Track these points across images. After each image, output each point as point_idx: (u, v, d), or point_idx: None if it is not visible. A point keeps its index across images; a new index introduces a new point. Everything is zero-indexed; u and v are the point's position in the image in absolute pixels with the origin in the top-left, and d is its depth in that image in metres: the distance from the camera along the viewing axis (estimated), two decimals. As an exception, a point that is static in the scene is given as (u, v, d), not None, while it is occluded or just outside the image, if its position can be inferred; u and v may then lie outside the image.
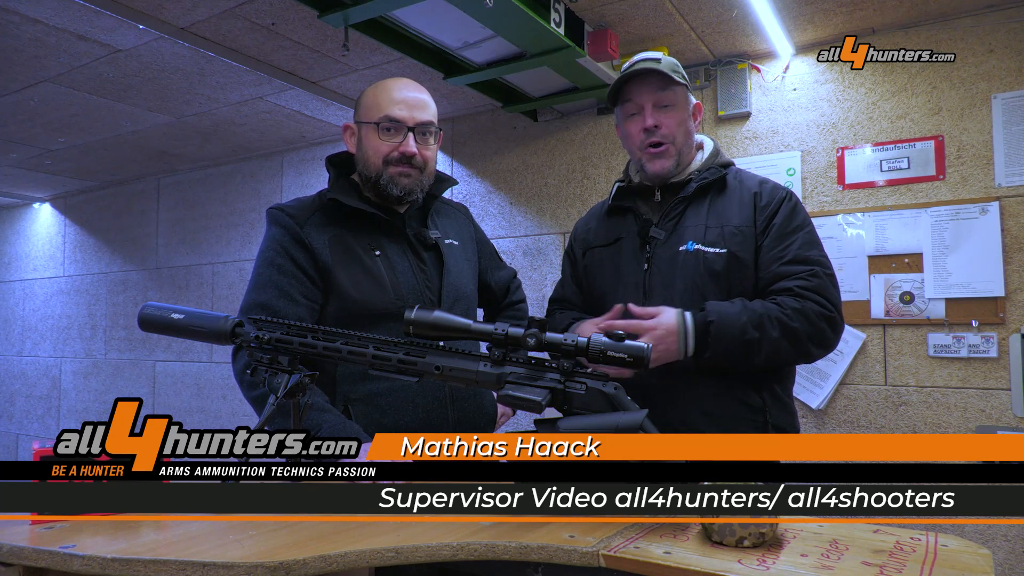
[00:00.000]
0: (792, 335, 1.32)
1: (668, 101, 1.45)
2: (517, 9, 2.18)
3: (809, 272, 1.36)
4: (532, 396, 0.97)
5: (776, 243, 1.40)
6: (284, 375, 1.08)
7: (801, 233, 1.41)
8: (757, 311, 1.32)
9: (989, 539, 2.37)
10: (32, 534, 0.85)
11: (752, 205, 1.44)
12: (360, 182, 1.50)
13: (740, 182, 1.49)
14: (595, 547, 0.81)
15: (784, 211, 1.43)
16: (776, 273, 1.38)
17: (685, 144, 1.48)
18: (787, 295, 1.35)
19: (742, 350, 1.31)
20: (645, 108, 1.46)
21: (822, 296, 1.35)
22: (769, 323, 1.31)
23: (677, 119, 1.46)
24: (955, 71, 2.51)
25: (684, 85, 1.47)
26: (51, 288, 5.66)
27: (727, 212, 1.44)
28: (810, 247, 1.40)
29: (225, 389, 4.47)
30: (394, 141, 1.43)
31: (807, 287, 1.35)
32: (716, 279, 1.39)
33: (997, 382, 2.40)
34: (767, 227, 1.42)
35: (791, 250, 1.39)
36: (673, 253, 1.43)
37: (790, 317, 1.32)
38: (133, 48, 2.74)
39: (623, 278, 1.49)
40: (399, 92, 1.46)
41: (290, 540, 0.84)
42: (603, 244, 1.56)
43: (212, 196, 4.66)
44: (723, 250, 1.40)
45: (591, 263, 1.58)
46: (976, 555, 0.80)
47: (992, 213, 2.42)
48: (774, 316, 1.31)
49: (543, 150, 3.40)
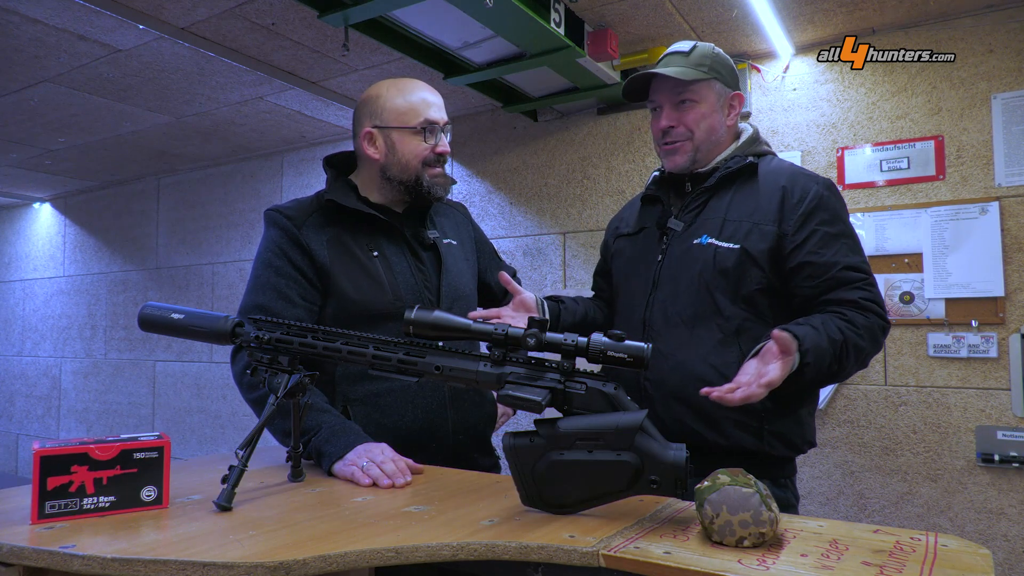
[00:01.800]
0: (862, 355, 1.28)
1: (687, 97, 1.43)
2: (517, 9, 2.18)
3: (866, 282, 1.32)
4: (532, 396, 0.96)
5: (824, 248, 1.32)
6: (284, 375, 1.09)
7: (848, 239, 1.35)
8: (838, 341, 1.23)
9: (989, 539, 2.37)
10: (32, 534, 0.85)
11: (779, 200, 1.36)
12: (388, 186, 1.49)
13: (769, 172, 1.42)
14: (595, 547, 0.81)
15: (826, 213, 1.35)
16: (834, 279, 1.31)
17: (707, 140, 1.44)
18: (854, 309, 1.29)
19: (821, 381, 1.28)
20: (664, 108, 1.46)
21: (881, 307, 1.31)
22: (846, 353, 1.25)
23: (697, 115, 1.43)
24: (955, 71, 2.51)
25: (711, 78, 1.43)
26: (51, 288, 5.66)
27: (749, 205, 1.38)
28: (858, 253, 1.35)
29: (225, 389, 4.47)
30: (431, 143, 1.46)
31: (870, 299, 1.30)
32: (725, 276, 1.35)
33: (997, 382, 2.40)
34: (802, 228, 1.34)
35: (842, 255, 1.32)
36: (688, 246, 1.41)
37: (862, 337, 1.26)
38: (133, 48, 2.74)
39: (638, 267, 1.49)
40: (429, 94, 1.48)
41: (290, 540, 0.84)
42: (629, 233, 1.57)
43: (212, 196, 4.66)
44: (736, 246, 1.35)
45: (617, 250, 1.59)
46: (976, 555, 0.80)
47: (992, 213, 2.42)
48: (851, 341, 1.24)
49: (543, 150, 3.40)
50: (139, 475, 0.97)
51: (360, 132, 1.48)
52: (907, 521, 2.50)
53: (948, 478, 2.45)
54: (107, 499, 0.95)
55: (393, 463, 1.18)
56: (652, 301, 1.43)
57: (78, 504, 0.93)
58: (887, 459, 2.56)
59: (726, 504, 0.83)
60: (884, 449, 2.56)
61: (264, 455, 1.38)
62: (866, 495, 2.58)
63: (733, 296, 1.36)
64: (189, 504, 1.00)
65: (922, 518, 2.48)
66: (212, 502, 0.97)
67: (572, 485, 0.94)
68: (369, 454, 1.20)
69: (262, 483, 1.15)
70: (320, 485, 1.16)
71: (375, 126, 1.46)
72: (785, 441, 1.35)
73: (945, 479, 2.46)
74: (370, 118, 1.47)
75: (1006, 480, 2.37)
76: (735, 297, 1.36)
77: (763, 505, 0.82)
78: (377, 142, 1.46)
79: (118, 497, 0.95)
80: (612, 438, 0.93)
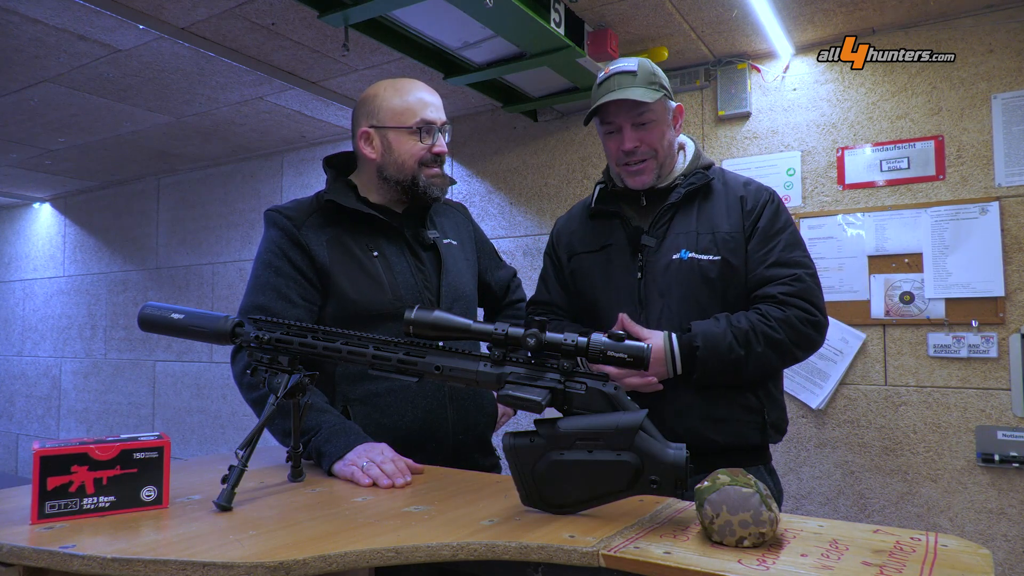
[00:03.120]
0: (777, 346, 1.34)
1: (646, 119, 1.43)
2: (517, 9, 2.18)
3: (792, 277, 1.37)
4: (532, 396, 0.96)
5: (760, 246, 1.41)
6: (284, 375, 1.09)
7: (784, 235, 1.42)
8: (742, 328, 1.33)
9: (989, 539, 2.37)
10: (32, 534, 0.85)
11: (739, 209, 1.44)
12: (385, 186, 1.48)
13: (725, 184, 1.49)
14: (595, 547, 0.81)
15: (767, 214, 1.43)
16: (761, 277, 1.39)
17: (668, 155, 1.48)
18: (770, 303, 1.36)
19: (729, 368, 1.33)
20: (624, 129, 1.44)
21: (805, 300, 1.36)
22: (754, 338, 1.32)
23: (658, 133, 1.44)
24: (955, 71, 2.51)
25: (661, 95, 1.42)
26: (51, 288, 5.66)
27: (716, 217, 1.44)
28: (792, 248, 1.41)
29: (225, 389, 4.47)
30: (428, 143, 1.46)
31: (790, 293, 1.36)
32: (710, 286, 1.40)
33: (997, 382, 2.40)
34: (752, 231, 1.43)
35: (774, 253, 1.40)
36: (667, 261, 1.43)
37: (774, 329, 1.33)
38: (133, 48, 2.74)
39: (616, 287, 1.48)
40: (426, 94, 1.48)
41: (290, 540, 0.84)
42: (590, 250, 1.54)
43: (212, 196, 4.66)
44: (717, 257, 1.41)
45: (578, 269, 1.56)
46: (976, 555, 0.80)
47: (992, 213, 2.42)
48: (759, 331, 1.33)
49: (543, 150, 3.40)
50: (139, 475, 0.97)
51: (357, 132, 1.48)
52: (907, 521, 2.50)
53: (948, 478, 2.45)
54: (107, 499, 0.95)
55: (393, 463, 1.18)
56: (645, 320, 1.43)
57: (78, 504, 0.93)
58: (887, 459, 2.56)
59: (726, 504, 0.83)
60: (884, 449, 2.56)
61: (264, 455, 1.38)
62: (866, 495, 2.58)
63: (722, 303, 1.41)
64: (189, 504, 1.00)
65: (922, 518, 2.48)
66: (212, 502, 0.97)
67: (572, 485, 0.94)
68: (369, 454, 1.20)
69: (262, 483, 1.15)
70: (320, 485, 1.16)
71: (371, 126, 1.46)
72: (778, 428, 1.43)
73: (945, 479, 2.46)
74: (367, 118, 1.47)
75: (1006, 480, 2.37)
76: (724, 304, 1.41)
77: (763, 505, 0.82)
78: (374, 142, 1.46)
79: (118, 497, 0.95)
80: (612, 438, 0.93)
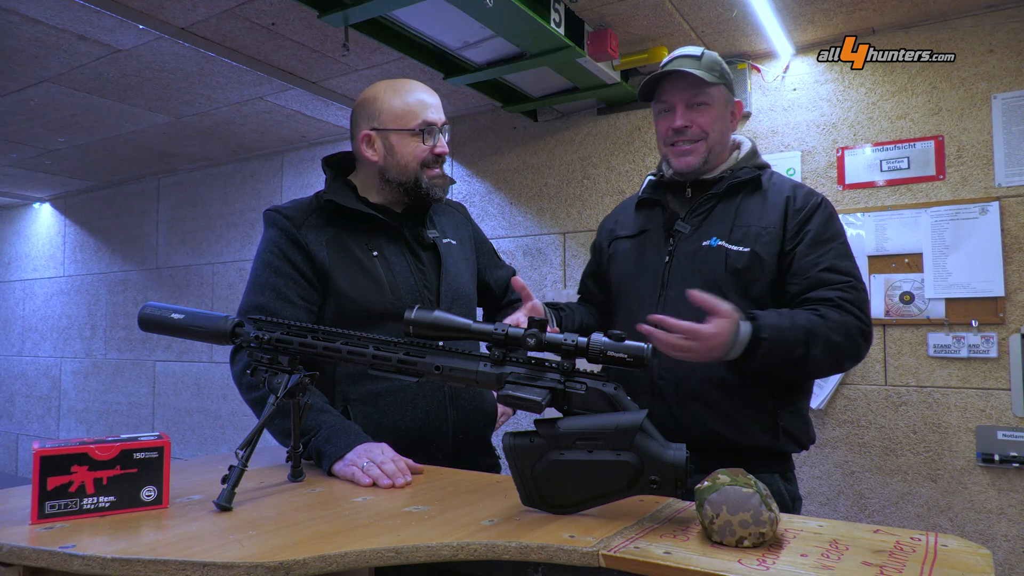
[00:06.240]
0: (834, 351, 1.30)
1: (702, 100, 1.45)
2: (517, 9, 2.18)
3: (848, 284, 1.34)
4: (532, 396, 0.96)
5: (812, 249, 1.37)
6: (284, 375, 1.09)
7: (836, 242, 1.39)
8: (805, 327, 1.28)
9: (989, 539, 2.37)
10: (32, 534, 0.85)
11: (783, 208, 1.42)
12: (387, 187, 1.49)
13: (773, 184, 1.47)
14: (595, 547, 0.81)
15: (820, 218, 1.40)
16: (815, 279, 1.35)
17: (719, 143, 1.48)
18: (829, 306, 1.32)
19: (786, 366, 1.29)
20: (677, 108, 1.46)
21: (861, 310, 1.33)
22: (814, 340, 1.28)
23: (711, 117, 1.45)
24: (955, 71, 2.51)
25: (721, 84, 1.45)
26: (51, 288, 5.66)
27: (756, 212, 1.43)
28: (844, 258, 1.38)
29: (225, 389, 4.47)
30: (429, 144, 1.46)
31: (848, 299, 1.33)
32: (736, 276, 1.39)
33: (997, 382, 2.39)
34: (800, 231, 1.39)
35: (827, 258, 1.36)
36: (696, 247, 1.43)
37: (833, 331, 1.29)
38: (133, 48, 2.74)
39: (643, 269, 1.50)
40: (426, 95, 1.48)
41: (290, 540, 0.84)
42: (629, 235, 1.58)
43: (212, 196, 4.66)
44: (746, 249, 1.39)
45: (615, 252, 1.60)
46: (976, 555, 0.80)
47: (992, 213, 2.42)
48: (820, 332, 1.28)
49: (543, 150, 3.40)
50: (139, 475, 0.97)
51: (358, 135, 1.47)
52: (907, 521, 2.50)
53: (948, 478, 2.45)
54: (107, 499, 0.95)
55: (393, 463, 1.18)
56: (663, 302, 1.44)
57: (78, 504, 0.93)
58: (887, 459, 2.56)
59: (726, 504, 0.83)
60: (884, 449, 2.56)
61: (264, 455, 1.38)
62: (866, 495, 2.58)
63: (743, 296, 1.39)
64: (189, 504, 1.00)
65: (922, 518, 2.48)
66: (212, 502, 0.97)
67: (572, 485, 0.94)
68: (369, 454, 1.19)
69: (262, 483, 1.15)
70: (320, 485, 1.16)
71: (373, 128, 1.46)
72: (794, 438, 1.40)
73: (945, 479, 2.46)
74: (367, 120, 1.46)
75: (1006, 480, 2.37)
76: (745, 297, 1.39)
77: (763, 505, 0.82)
78: (375, 145, 1.46)
79: (118, 497, 0.95)
80: (612, 438, 0.93)
